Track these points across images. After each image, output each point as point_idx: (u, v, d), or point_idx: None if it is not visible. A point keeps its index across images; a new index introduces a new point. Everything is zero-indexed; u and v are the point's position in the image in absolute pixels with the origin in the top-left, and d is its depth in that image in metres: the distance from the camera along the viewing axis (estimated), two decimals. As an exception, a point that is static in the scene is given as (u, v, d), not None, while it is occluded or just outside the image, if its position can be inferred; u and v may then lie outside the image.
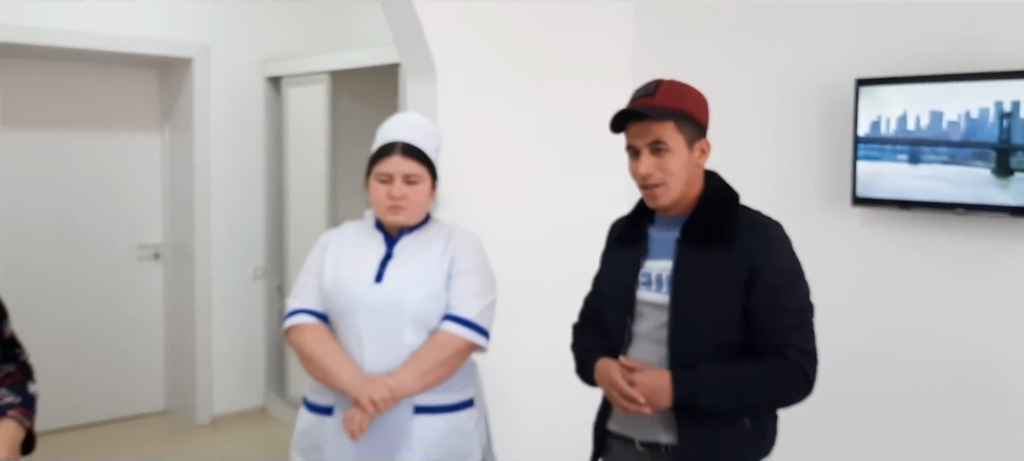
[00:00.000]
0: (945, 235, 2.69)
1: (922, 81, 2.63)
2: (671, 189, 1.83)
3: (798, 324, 1.81)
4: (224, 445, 4.79)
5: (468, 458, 2.26)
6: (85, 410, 4.95)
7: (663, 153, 1.81)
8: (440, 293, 2.21)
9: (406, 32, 3.03)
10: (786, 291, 1.80)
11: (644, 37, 3.55)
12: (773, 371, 1.77)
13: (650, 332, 1.87)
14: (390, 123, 2.30)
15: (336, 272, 2.24)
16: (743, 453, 1.85)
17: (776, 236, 1.84)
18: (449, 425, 2.23)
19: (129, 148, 5.05)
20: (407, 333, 2.17)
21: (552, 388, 3.29)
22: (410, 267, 2.21)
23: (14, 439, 1.71)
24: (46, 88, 4.76)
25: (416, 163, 2.20)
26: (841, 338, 2.91)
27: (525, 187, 3.30)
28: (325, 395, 2.24)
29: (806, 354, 1.80)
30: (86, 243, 4.93)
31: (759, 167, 3.16)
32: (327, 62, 4.67)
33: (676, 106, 1.82)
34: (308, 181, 4.87)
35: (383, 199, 2.20)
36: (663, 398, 1.76)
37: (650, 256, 1.90)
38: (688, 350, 1.80)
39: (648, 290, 1.88)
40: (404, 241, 2.26)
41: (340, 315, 2.22)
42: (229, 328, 5.09)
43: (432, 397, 2.20)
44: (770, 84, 3.14)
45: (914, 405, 2.78)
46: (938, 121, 2.59)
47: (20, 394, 1.78)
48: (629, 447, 1.93)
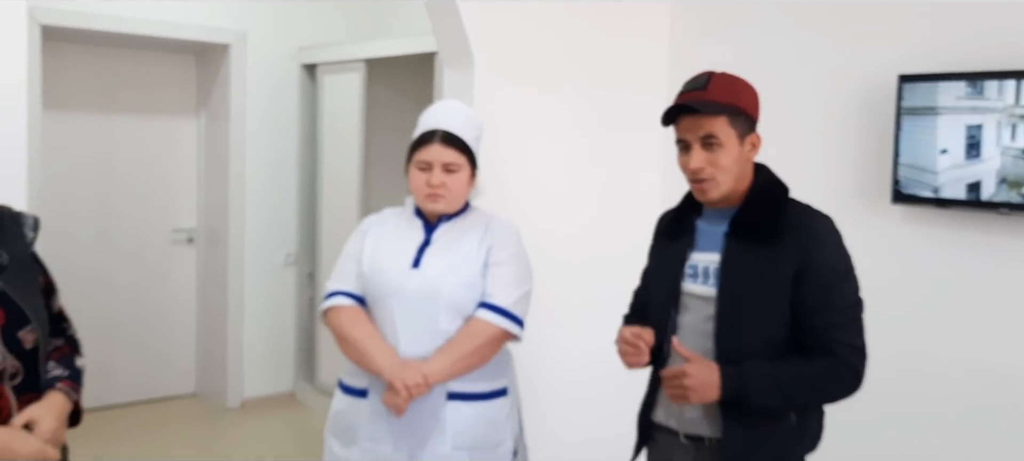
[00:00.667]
0: (988, 235, 2.65)
1: (967, 78, 2.59)
2: (721, 184, 1.82)
3: (848, 320, 1.79)
4: (253, 429, 4.84)
5: (500, 447, 2.26)
6: (118, 390, 5.02)
7: (714, 147, 1.80)
8: (476, 281, 2.22)
9: (445, 21, 3.04)
10: (836, 287, 1.79)
11: (682, 30, 3.52)
12: (822, 368, 1.76)
13: (696, 324, 1.86)
14: (432, 110, 2.31)
15: (375, 257, 2.26)
16: (788, 449, 1.84)
17: (825, 230, 1.82)
18: (482, 413, 2.23)
19: (166, 133, 5.11)
20: (442, 319, 2.18)
21: (588, 380, 3.29)
22: (447, 254, 2.23)
23: (62, 411, 1.73)
24: (87, 72, 4.83)
25: (456, 151, 2.21)
26: (880, 338, 2.87)
27: (560, 178, 3.30)
28: (360, 377, 2.25)
29: (856, 350, 1.79)
30: (122, 226, 5.00)
31: (799, 163, 3.11)
32: (363, 51, 4.69)
33: (728, 100, 1.81)
34: (341, 169, 4.90)
35: (422, 186, 2.21)
36: (711, 392, 1.75)
37: (697, 248, 1.90)
38: (735, 343, 1.79)
39: (694, 282, 1.87)
40: (442, 228, 2.27)
41: (377, 299, 2.23)
42: (260, 313, 5.14)
43: (466, 384, 2.21)
44: (811, 80, 3.11)
45: (955, 410, 2.74)
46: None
47: (68, 367, 1.81)
48: (673, 439, 1.92)
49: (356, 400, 2.25)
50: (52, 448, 1.67)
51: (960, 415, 2.72)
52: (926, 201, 2.71)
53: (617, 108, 3.40)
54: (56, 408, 1.72)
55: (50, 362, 1.78)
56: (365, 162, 4.75)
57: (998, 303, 2.64)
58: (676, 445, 1.91)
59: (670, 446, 1.93)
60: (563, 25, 3.24)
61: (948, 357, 2.75)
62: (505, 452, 2.26)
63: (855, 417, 2.95)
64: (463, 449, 2.19)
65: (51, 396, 1.73)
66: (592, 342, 2.88)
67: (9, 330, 1.67)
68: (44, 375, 1.76)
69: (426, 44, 4.04)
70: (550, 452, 3.15)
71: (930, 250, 2.80)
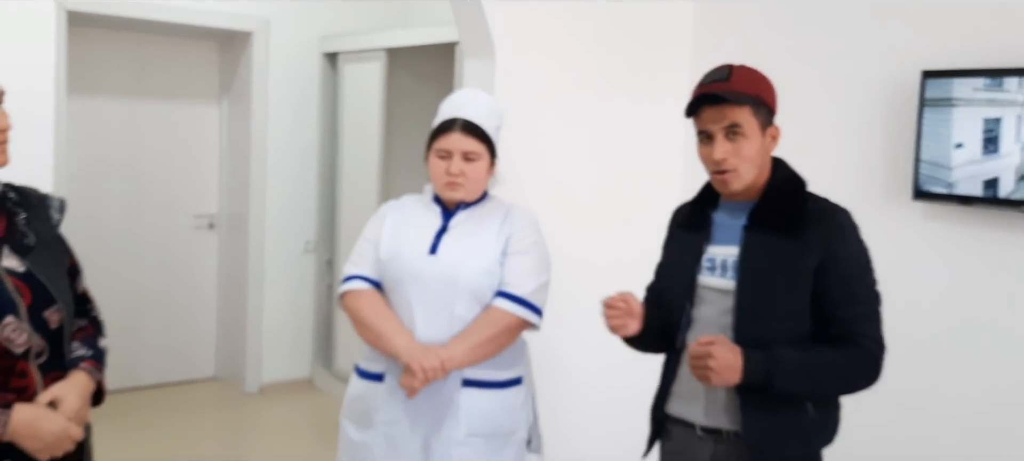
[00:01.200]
0: (1009, 233, 2.63)
1: (991, 75, 2.57)
2: (744, 175, 1.82)
3: (870, 313, 1.81)
4: (271, 413, 4.89)
5: (514, 435, 2.27)
6: (139, 372, 5.09)
7: (738, 138, 1.80)
8: (494, 268, 2.23)
9: (467, 11, 3.05)
10: (859, 280, 1.80)
11: (705, 25, 3.51)
12: (849, 358, 1.77)
13: (713, 318, 1.86)
14: (453, 98, 2.32)
15: (393, 242, 2.27)
16: (807, 441, 1.84)
17: (846, 224, 1.82)
18: (496, 401, 2.25)
19: (189, 119, 5.15)
20: (459, 306, 2.20)
21: (604, 371, 3.30)
22: (465, 241, 2.24)
23: (86, 390, 1.76)
24: (113, 57, 4.88)
25: (475, 140, 2.22)
26: (900, 335, 2.86)
27: (580, 169, 3.30)
28: (377, 362, 2.27)
29: (878, 343, 1.80)
30: (147, 210, 5.06)
31: (821, 158, 3.10)
32: (384, 40, 4.71)
33: (752, 91, 1.81)
34: (361, 158, 4.93)
35: (441, 175, 2.22)
36: (733, 375, 1.72)
37: (714, 241, 1.89)
38: (754, 336, 1.78)
39: (712, 275, 1.87)
40: (461, 216, 2.28)
41: (394, 284, 2.25)
42: (279, 300, 5.19)
43: (481, 372, 2.23)
44: (834, 75, 3.09)
45: (975, 407, 2.73)
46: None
47: (91, 348, 1.84)
48: (689, 432, 1.92)
49: (372, 384, 2.27)
50: (76, 426, 1.71)
51: (980, 413, 2.71)
52: (946, 198, 2.69)
53: (638, 101, 3.40)
54: (80, 387, 1.75)
55: (74, 342, 1.82)
56: (385, 151, 4.77)
57: (1018, 301, 2.62)
58: (692, 437, 1.91)
59: (686, 438, 1.93)
60: (585, 17, 3.24)
61: (968, 355, 2.74)
62: (519, 441, 2.28)
63: (874, 412, 2.94)
64: (478, 435, 2.21)
65: (75, 375, 1.76)
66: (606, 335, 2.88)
67: (35, 309, 1.70)
68: (68, 354, 1.79)
69: (447, 34, 4.05)
70: (566, 442, 3.17)
71: (950, 247, 2.78)
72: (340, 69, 5.08)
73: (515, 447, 2.27)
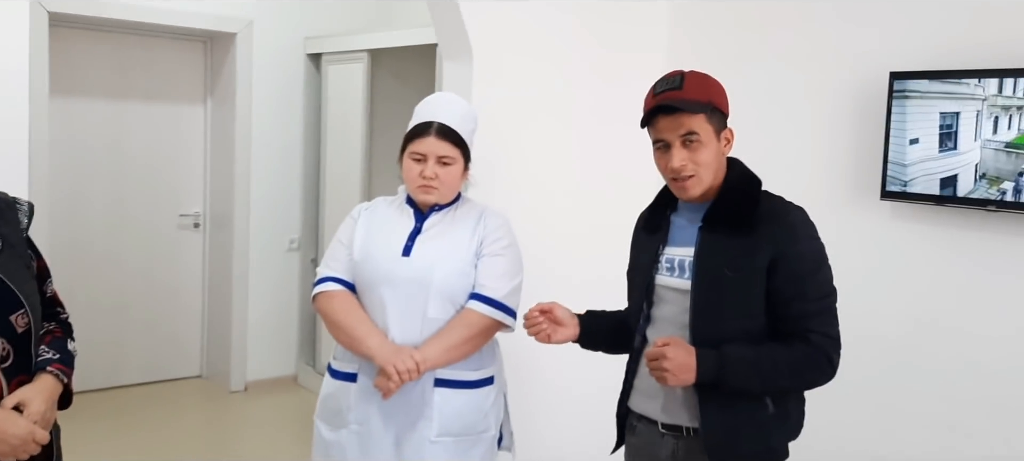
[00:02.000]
0: (975, 231, 2.68)
1: (958, 76, 2.61)
2: (703, 180, 1.85)
3: (822, 310, 1.82)
4: (256, 410, 4.92)
5: (485, 433, 2.30)
6: (124, 372, 5.11)
7: (694, 145, 1.82)
8: (466, 270, 2.25)
9: (444, 14, 3.08)
10: (810, 277, 1.82)
11: (680, 25, 3.55)
12: (797, 354, 1.80)
13: (672, 317, 1.89)
14: (428, 102, 2.33)
15: (366, 243, 2.29)
16: (767, 436, 1.87)
17: (798, 221, 1.85)
18: (468, 400, 2.27)
19: (173, 119, 5.17)
20: (432, 307, 2.21)
21: (579, 366, 3.30)
22: (438, 243, 2.25)
23: (52, 393, 1.77)
24: (96, 58, 4.89)
25: (450, 145, 2.23)
26: (869, 333, 2.91)
27: (557, 171, 3.33)
28: (349, 362, 2.29)
29: (829, 339, 1.82)
30: (130, 211, 5.07)
31: (792, 159, 3.16)
32: (367, 41, 4.74)
33: (705, 98, 1.84)
34: (345, 157, 4.95)
35: (415, 178, 2.23)
36: (689, 375, 1.77)
37: (671, 243, 1.93)
38: (710, 335, 1.81)
39: (669, 275, 1.90)
40: (434, 217, 2.29)
41: (367, 286, 2.26)
42: (264, 298, 5.21)
43: (453, 372, 2.24)
44: (804, 77, 3.14)
45: (942, 402, 2.78)
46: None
47: (59, 350, 1.84)
48: (652, 428, 1.95)
49: (345, 384, 2.29)
50: (41, 429, 1.71)
51: (948, 408, 2.76)
52: (913, 197, 2.74)
53: (614, 102, 3.43)
54: (46, 390, 1.75)
55: (42, 345, 1.83)
56: (368, 150, 4.80)
57: (984, 299, 2.67)
58: (655, 434, 1.95)
59: (649, 435, 1.97)
60: (562, 20, 3.28)
61: (935, 352, 2.78)
62: (490, 439, 2.30)
63: (844, 408, 2.99)
64: (449, 435, 2.23)
65: (41, 378, 1.76)
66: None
67: (1, 314, 1.70)
68: (36, 358, 1.80)
69: (429, 35, 4.07)
70: (539, 441, 3.21)
71: (917, 246, 2.83)
72: (323, 70, 5.11)
73: (485, 445, 2.30)
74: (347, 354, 2.31)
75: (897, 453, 2.88)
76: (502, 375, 2.42)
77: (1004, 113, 2.51)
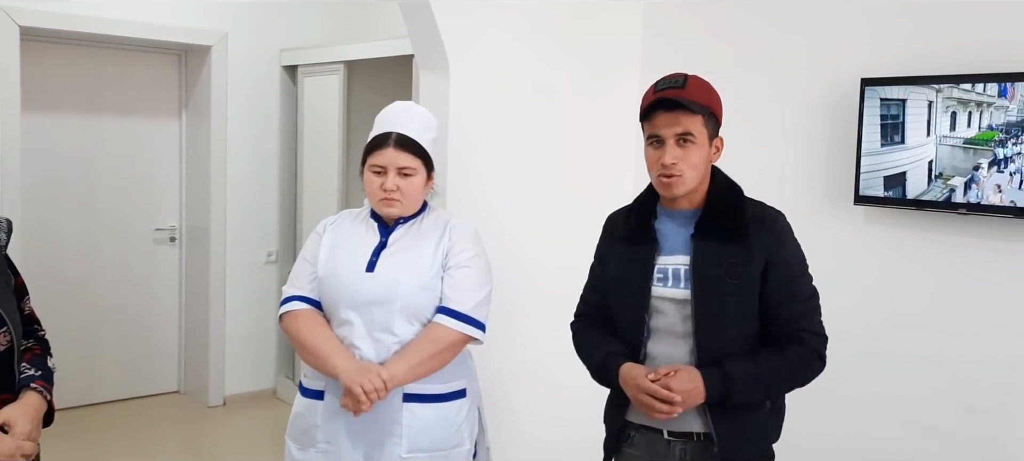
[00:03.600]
0: (948, 235, 2.72)
1: (929, 82, 2.66)
2: (688, 181, 1.87)
3: (811, 309, 1.91)
4: (234, 425, 4.88)
5: (458, 448, 2.24)
6: (101, 388, 5.06)
7: (688, 145, 1.85)
8: (431, 284, 2.19)
9: (419, 25, 3.09)
10: (798, 279, 1.90)
11: (653, 34, 3.58)
12: (794, 358, 1.86)
13: (671, 327, 1.91)
14: (386, 113, 2.27)
15: (330, 260, 2.23)
16: (766, 435, 1.96)
17: (783, 226, 1.92)
18: (439, 415, 2.21)
19: (149, 133, 5.13)
20: (398, 324, 2.16)
21: (557, 380, 3.33)
22: (403, 257, 2.20)
23: (38, 411, 1.77)
24: (69, 73, 4.85)
25: (410, 155, 2.17)
26: (844, 337, 2.94)
27: (534, 180, 3.35)
28: (317, 379, 2.24)
29: (819, 336, 1.91)
30: (106, 225, 5.03)
31: (765, 165, 3.20)
32: (343, 52, 4.73)
33: (705, 101, 1.87)
34: (322, 169, 4.94)
35: (377, 191, 2.18)
36: (697, 398, 1.83)
37: (663, 252, 1.92)
38: (714, 342, 1.86)
39: (665, 286, 1.90)
40: (399, 230, 2.24)
41: (332, 303, 2.21)
42: (242, 312, 5.18)
43: (422, 386, 2.19)
44: (777, 83, 3.17)
45: (916, 404, 2.81)
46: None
47: (40, 368, 1.84)
48: (655, 437, 1.95)
49: (313, 402, 2.24)
50: (29, 445, 1.71)
51: (920, 408, 2.80)
52: (886, 202, 2.78)
53: (591, 110, 3.46)
54: (32, 408, 1.75)
55: (23, 363, 1.82)
56: (345, 162, 4.79)
57: (956, 301, 2.71)
58: (658, 441, 1.95)
59: (651, 442, 1.96)
60: (537, 29, 3.29)
61: (908, 354, 2.82)
62: (464, 453, 2.26)
63: (819, 410, 3.02)
64: (420, 451, 2.18)
65: (27, 396, 1.76)
66: (563, 343, 2.93)
67: None
68: (18, 376, 1.79)
69: (405, 46, 4.08)
70: (517, 453, 3.21)
71: (891, 250, 2.87)
72: (300, 81, 5.10)
73: (460, 460, 2.25)
74: (316, 372, 2.25)
75: (870, 453, 2.92)
76: (475, 387, 2.37)
77: (963, 108, 2.57)
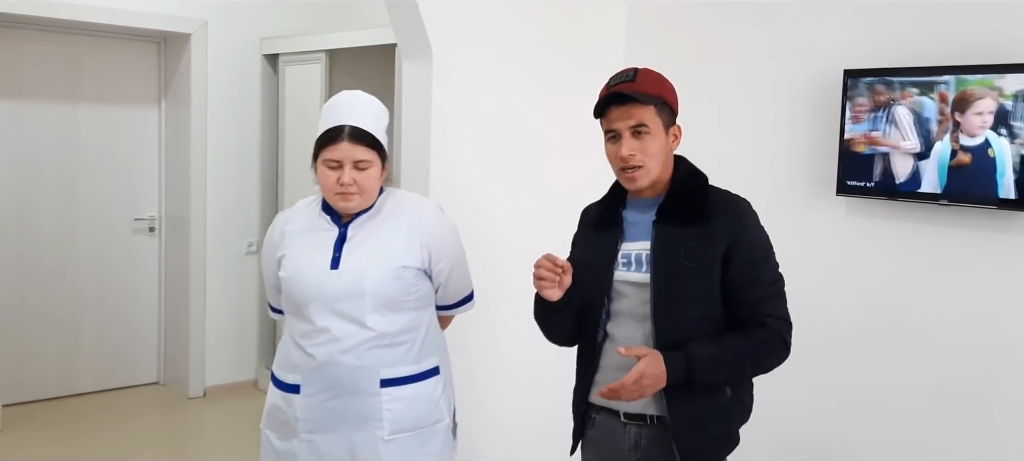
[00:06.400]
0: (928, 226, 2.75)
1: (910, 73, 2.67)
2: (650, 171, 1.91)
3: (774, 294, 1.92)
4: (215, 416, 4.86)
5: (438, 423, 2.25)
6: (79, 380, 5.01)
7: (644, 136, 1.89)
8: (399, 273, 2.16)
9: (402, 14, 3.07)
10: (762, 263, 1.91)
11: (637, 24, 3.58)
12: (757, 341, 1.87)
13: (632, 310, 1.94)
14: (335, 104, 2.18)
15: (293, 259, 2.19)
16: (727, 420, 1.95)
17: (747, 211, 1.93)
18: (416, 394, 2.21)
19: (127, 122, 5.07)
20: (370, 318, 2.14)
21: (531, 367, 3.33)
22: (366, 248, 2.16)
23: None
24: (46, 60, 4.78)
25: (365, 148, 2.10)
26: (826, 326, 2.97)
27: (516, 169, 3.34)
28: (292, 372, 2.21)
29: (783, 321, 1.91)
30: (84, 215, 4.97)
31: (748, 155, 3.21)
32: (324, 41, 4.70)
33: (656, 92, 1.91)
34: (303, 158, 4.86)
35: (333, 185, 2.11)
36: (661, 382, 1.83)
37: (627, 238, 1.98)
38: (672, 325, 1.87)
39: (628, 270, 1.95)
40: (358, 221, 2.19)
41: (299, 303, 2.17)
42: (222, 302, 5.15)
43: (397, 368, 2.18)
44: (760, 75, 3.18)
45: (896, 392, 2.84)
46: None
47: None
48: (613, 418, 1.99)
49: (289, 396, 2.21)
50: None
51: (903, 398, 2.82)
52: (867, 192, 2.80)
53: (573, 100, 3.43)
54: None
55: None
56: (327, 152, 4.75)
57: (937, 291, 2.74)
58: (616, 424, 1.99)
59: (610, 424, 2.00)
60: (521, 17, 3.29)
61: (890, 344, 2.85)
62: (444, 428, 2.26)
63: (803, 399, 3.04)
64: (402, 432, 2.18)
65: None
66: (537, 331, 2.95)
67: None
68: None
69: (387, 35, 4.06)
70: (489, 431, 3.21)
71: (873, 240, 2.89)
72: (281, 70, 5.05)
73: (441, 435, 2.26)
74: (289, 363, 2.22)
75: (850, 438, 2.94)
76: (447, 362, 2.37)
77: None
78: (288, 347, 2.25)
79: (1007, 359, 2.59)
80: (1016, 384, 2.58)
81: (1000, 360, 2.60)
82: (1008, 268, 2.58)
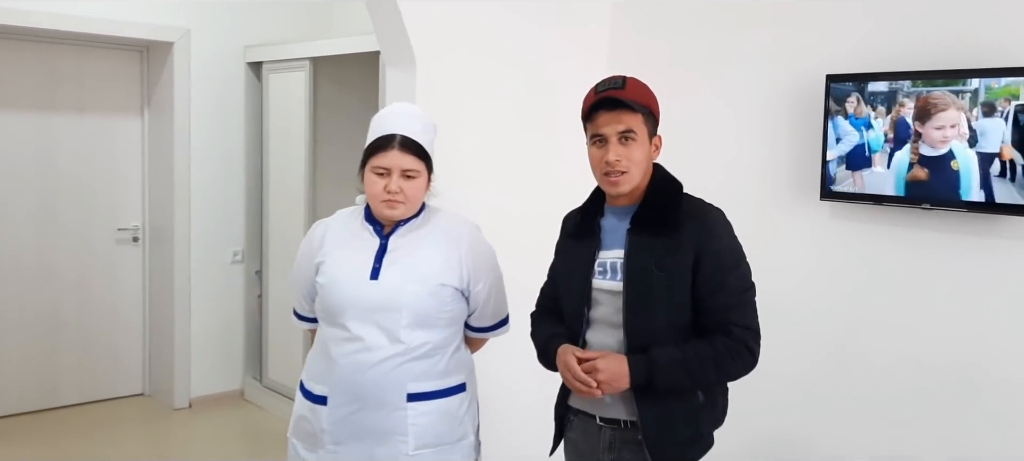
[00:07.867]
0: (912, 230, 2.76)
1: (892, 78, 2.69)
2: (633, 177, 1.94)
3: (741, 302, 1.93)
4: (201, 428, 4.82)
5: (462, 441, 2.25)
6: (63, 392, 4.96)
7: (630, 142, 1.92)
8: (437, 291, 2.17)
9: (386, 21, 3.06)
10: (729, 272, 1.92)
11: (620, 29, 3.59)
12: (720, 348, 1.90)
13: (607, 317, 1.98)
14: (388, 113, 2.25)
15: (331, 267, 2.21)
16: (698, 424, 1.99)
17: (717, 220, 1.96)
18: (441, 410, 2.21)
19: (110, 131, 5.04)
20: (404, 331, 2.14)
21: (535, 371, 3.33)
22: (407, 262, 2.18)
23: None
24: (26, 69, 4.74)
25: (414, 157, 2.15)
26: (810, 330, 2.98)
27: (502, 177, 3.34)
28: (320, 384, 2.21)
29: (749, 330, 1.93)
30: (66, 225, 4.93)
31: (731, 160, 3.22)
32: (308, 49, 4.69)
33: (643, 101, 1.95)
34: (288, 167, 4.89)
35: (380, 193, 2.14)
36: (622, 382, 1.89)
37: (603, 247, 2.01)
38: (642, 331, 1.91)
39: (604, 279, 1.99)
40: (400, 232, 2.21)
41: (334, 311, 2.17)
42: (207, 312, 5.11)
43: (424, 383, 2.18)
44: (743, 80, 3.19)
45: (883, 398, 2.85)
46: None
47: None
48: (590, 422, 2.05)
49: (316, 407, 2.22)
50: None
51: (886, 402, 2.83)
52: (852, 197, 2.81)
53: (558, 106, 3.44)
54: None
55: None
56: (312, 159, 4.75)
57: (924, 296, 2.74)
58: (592, 426, 2.04)
59: (586, 427, 2.06)
60: (504, 23, 3.28)
61: (874, 347, 2.85)
62: (468, 446, 2.27)
63: (785, 403, 3.05)
64: (427, 447, 2.18)
65: None
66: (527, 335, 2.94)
67: None
68: None
69: (371, 43, 4.05)
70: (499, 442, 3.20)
71: (856, 245, 2.90)
72: (265, 78, 5.03)
73: (463, 452, 2.25)
74: (318, 373, 2.22)
75: (837, 446, 2.94)
76: (474, 380, 2.38)
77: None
78: (317, 356, 2.26)
79: (989, 362, 2.60)
80: (997, 386, 2.59)
81: (982, 364, 2.62)
82: (992, 271, 2.59)
